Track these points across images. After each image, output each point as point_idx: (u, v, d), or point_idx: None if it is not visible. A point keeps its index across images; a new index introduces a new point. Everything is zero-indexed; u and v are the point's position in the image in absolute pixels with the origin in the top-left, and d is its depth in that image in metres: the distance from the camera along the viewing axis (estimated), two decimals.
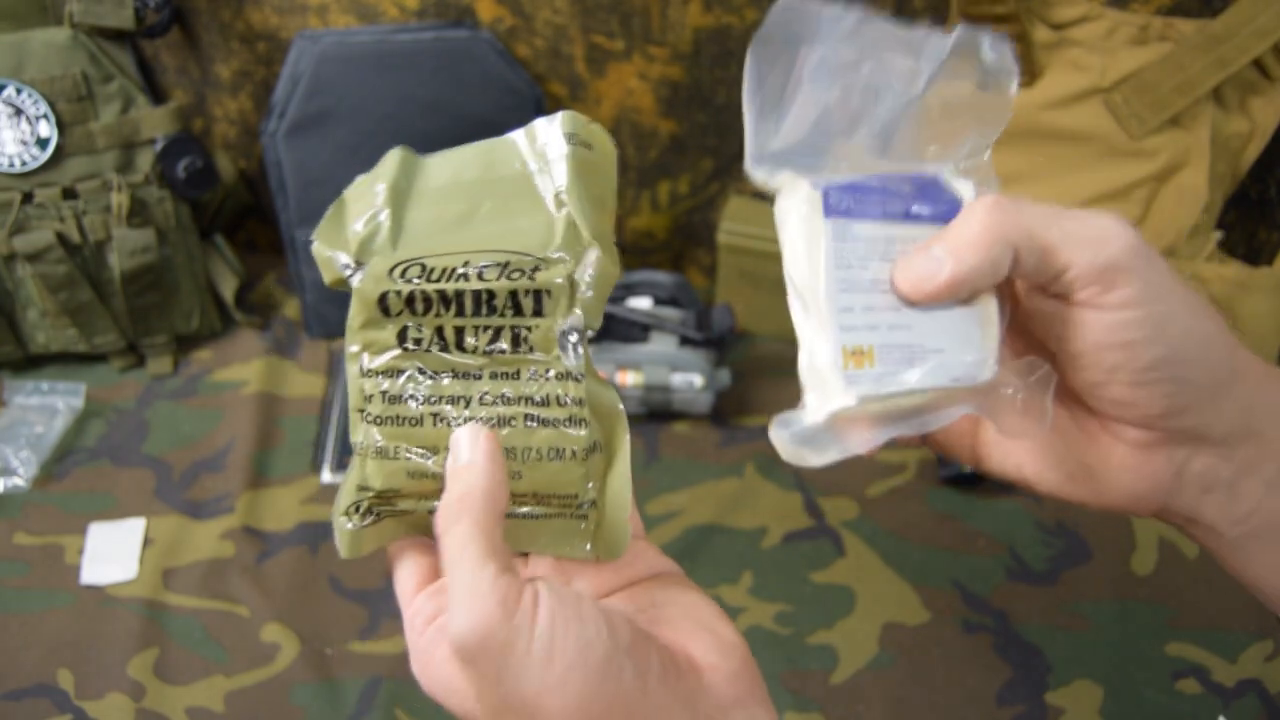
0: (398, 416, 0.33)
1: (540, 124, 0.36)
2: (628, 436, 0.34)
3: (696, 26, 0.82)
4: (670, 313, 0.83)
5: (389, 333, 0.33)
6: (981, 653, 0.64)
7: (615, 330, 0.83)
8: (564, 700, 0.28)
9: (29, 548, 0.71)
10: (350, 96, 0.82)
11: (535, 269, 0.32)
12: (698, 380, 0.79)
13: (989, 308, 0.33)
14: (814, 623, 0.66)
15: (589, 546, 0.34)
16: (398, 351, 0.33)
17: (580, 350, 0.33)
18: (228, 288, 0.90)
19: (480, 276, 0.32)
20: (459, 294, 0.32)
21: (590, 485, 0.33)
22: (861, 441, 0.32)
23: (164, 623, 0.66)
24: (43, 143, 0.79)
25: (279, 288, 0.96)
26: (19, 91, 0.77)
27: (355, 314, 0.33)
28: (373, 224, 0.34)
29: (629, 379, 0.79)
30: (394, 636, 0.65)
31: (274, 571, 0.69)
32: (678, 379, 0.79)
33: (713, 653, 0.32)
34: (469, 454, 0.32)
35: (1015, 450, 0.36)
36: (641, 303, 0.85)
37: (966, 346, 0.32)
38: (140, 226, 0.82)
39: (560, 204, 0.34)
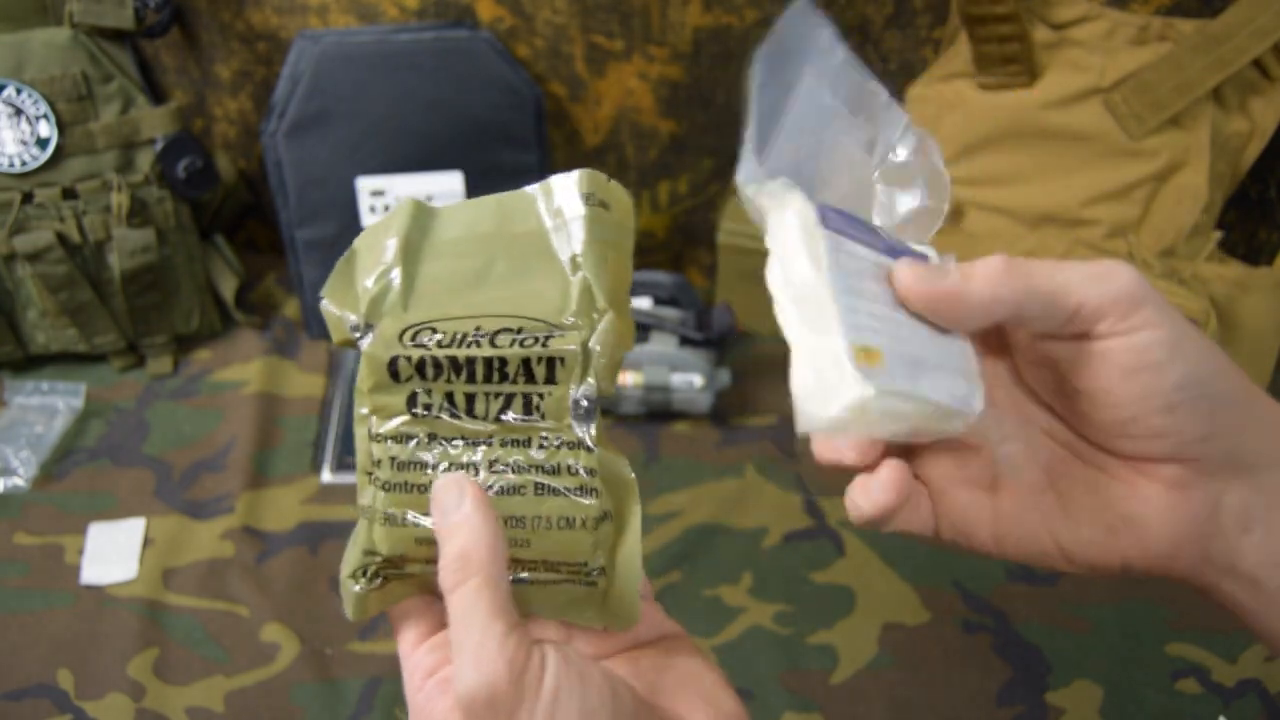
0: (406, 483, 0.33)
1: (557, 181, 0.35)
2: (639, 507, 0.34)
3: (696, 26, 0.82)
4: (670, 313, 0.83)
5: (398, 398, 0.32)
6: (981, 653, 0.64)
7: None
8: None
9: (29, 548, 0.71)
10: (350, 96, 0.82)
11: (549, 336, 0.32)
12: (698, 380, 0.79)
13: (970, 350, 0.33)
14: (814, 623, 0.66)
15: (597, 615, 0.34)
16: (406, 417, 0.32)
17: (593, 418, 0.32)
18: (228, 288, 0.90)
19: (492, 343, 0.32)
20: (470, 360, 0.32)
21: (599, 554, 0.33)
22: (863, 450, 0.32)
23: (164, 623, 0.66)
24: (43, 143, 0.79)
25: (279, 288, 0.96)
26: (19, 91, 0.77)
27: (364, 377, 0.33)
28: (383, 281, 0.33)
29: (629, 379, 0.79)
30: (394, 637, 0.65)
31: (274, 571, 0.69)
32: (678, 379, 0.79)
33: None
34: (455, 509, 0.31)
35: (1047, 520, 0.35)
36: (641, 303, 0.85)
37: (961, 373, 0.32)
38: (140, 226, 0.82)
39: (576, 267, 0.33)
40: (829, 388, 0.30)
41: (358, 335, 0.33)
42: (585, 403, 0.32)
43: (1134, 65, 0.70)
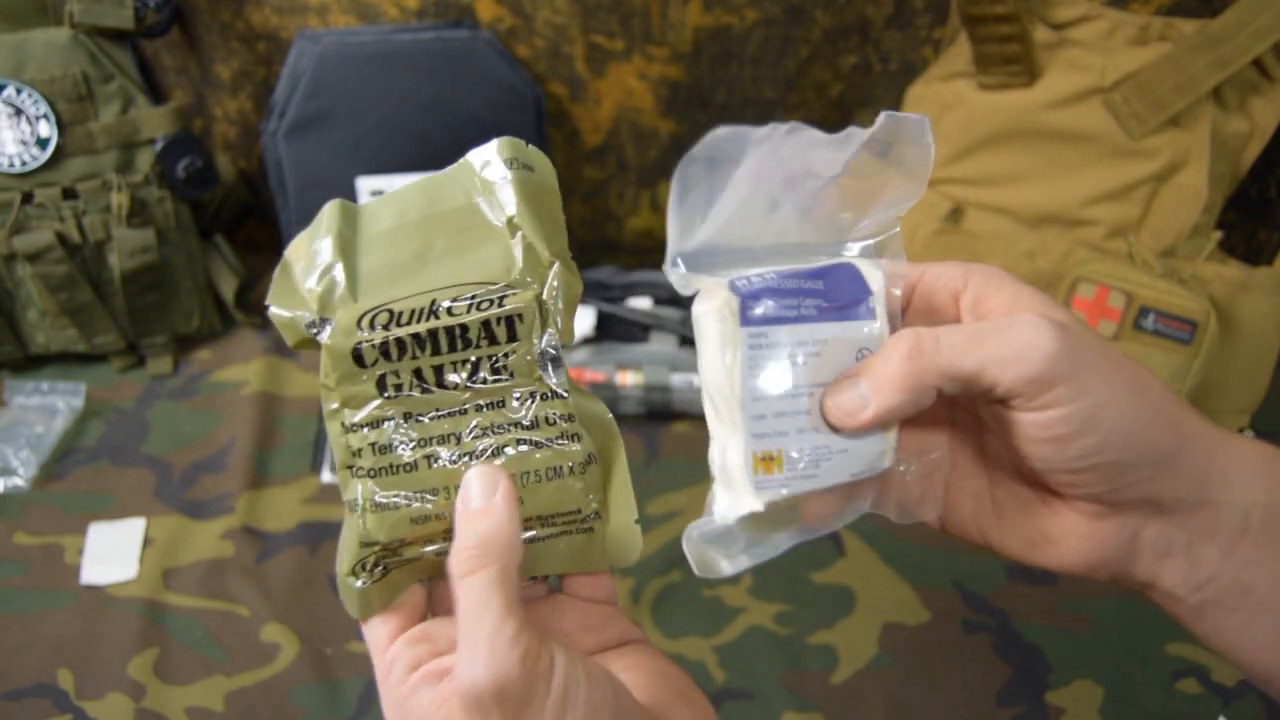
0: (391, 465, 0.33)
1: (475, 155, 0.36)
2: (621, 444, 0.34)
3: (696, 26, 0.82)
4: (670, 313, 0.83)
5: (368, 384, 0.33)
6: (981, 653, 0.64)
7: (615, 330, 0.83)
8: None
9: (29, 548, 0.71)
10: (350, 96, 0.82)
11: (503, 296, 0.33)
12: (698, 380, 0.78)
13: None
14: (814, 623, 0.66)
15: (600, 558, 0.34)
16: (379, 401, 0.33)
17: (561, 367, 0.33)
18: (228, 288, 0.90)
19: (450, 312, 0.32)
20: (433, 333, 0.32)
21: (591, 497, 0.33)
22: (771, 547, 0.34)
23: (164, 623, 0.66)
24: (43, 143, 0.79)
25: None
26: (19, 91, 0.77)
27: (329, 370, 0.33)
28: (327, 279, 0.34)
29: (629, 379, 0.79)
30: None
31: (274, 571, 0.69)
32: (678, 379, 0.79)
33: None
34: (484, 498, 0.32)
35: (979, 517, 0.37)
36: (641, 303, 0.85)
37: (871, 441, 0.34)
38: (140, 226, 0.82)
39: (514, 229, 0.34)
40: (735, 488, 0.33)
41: (314, 331, 0.33)
42: (551, 352, 0.33)
43: (1134, 65, 0.70)
